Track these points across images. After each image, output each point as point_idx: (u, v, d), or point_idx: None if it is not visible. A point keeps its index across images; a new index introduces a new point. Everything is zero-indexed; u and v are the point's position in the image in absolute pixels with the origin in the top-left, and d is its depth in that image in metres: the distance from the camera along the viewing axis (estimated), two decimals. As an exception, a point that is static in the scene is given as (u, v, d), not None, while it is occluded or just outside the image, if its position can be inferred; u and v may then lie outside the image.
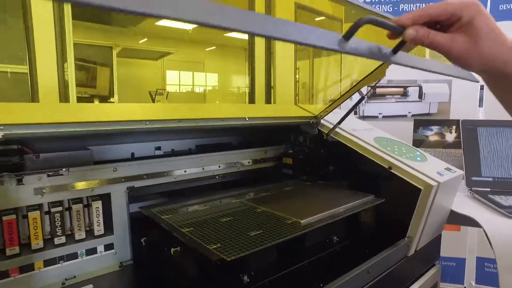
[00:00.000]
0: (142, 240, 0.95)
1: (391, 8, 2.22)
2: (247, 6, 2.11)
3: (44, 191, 0.85)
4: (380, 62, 1.07)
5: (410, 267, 1.04)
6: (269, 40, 2.19)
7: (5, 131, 0.66)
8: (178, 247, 0.75)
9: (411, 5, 2.20)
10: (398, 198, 1.00)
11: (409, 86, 2.21)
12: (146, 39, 4.84)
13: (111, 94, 4.05)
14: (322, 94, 3.35)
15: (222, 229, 0.75)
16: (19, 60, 1.45)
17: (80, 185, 0.90)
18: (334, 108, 1.34)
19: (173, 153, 1.24)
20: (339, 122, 1.24)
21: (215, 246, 0.64)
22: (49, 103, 1.28)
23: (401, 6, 2.22)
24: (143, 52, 5.08)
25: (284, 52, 2.14)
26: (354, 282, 0.79)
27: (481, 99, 2.16)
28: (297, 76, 2.35)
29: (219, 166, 1.19)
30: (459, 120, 1.76)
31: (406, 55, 0.54)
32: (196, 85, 6.77)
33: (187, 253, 0.70)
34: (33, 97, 1.29)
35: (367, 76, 1.15)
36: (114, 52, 4.20)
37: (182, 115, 1.07)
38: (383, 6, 2.22)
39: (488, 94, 2.15)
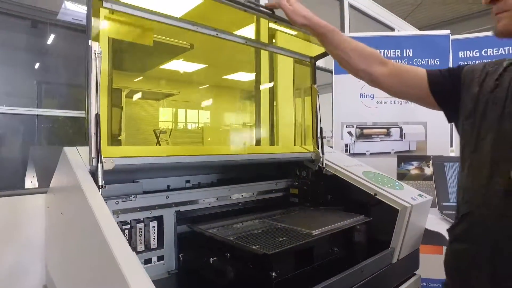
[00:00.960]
0: (181, 255, 1.22)
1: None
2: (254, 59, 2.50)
3: (119, 212, 1.13)
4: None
5: (394, 272, 1.32)
6: (273, 88, 2.58)
7: (115, 163, 0.98)
8: (227, 253, 1.04)
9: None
10: (382, 217, 1.32)
11: (391, 128, 2.59)
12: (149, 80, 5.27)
13: (120, 132, 4.37)
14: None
15: (256, 238, 1.05)
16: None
17: (143, 208, 1.19)
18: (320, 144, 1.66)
19: (201, 185, 1.55)
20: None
21: (256, 246, 0.94)
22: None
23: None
24: (148, 93, 5.47)
25: (285, 96, 2.52)
26: (351, 279, 1.08)
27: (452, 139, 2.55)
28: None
29: (242, 195, 1.50)
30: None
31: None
32: (194, 122, 7.16)
33: (235, 253, 0.99)
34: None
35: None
36: (123, 94, 4.56)
37: (216, 152, 1.40)
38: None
39: (456, 135, 2.53)
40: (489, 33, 2.58)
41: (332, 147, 2.57)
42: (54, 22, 2.25)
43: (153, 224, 1.22)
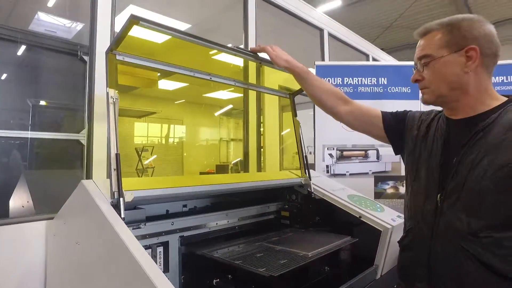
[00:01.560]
0: (181, 278, 1.31)
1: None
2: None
3: (131, 240, 1.22)
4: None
5: (378, 287, 1.47)
6: (259, 112, 2.73)
7: (134, 195, 1.08)
8: (229, 275, 1.15)
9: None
10: (366, 237, 1.47)
11: (369, 150, 2.80)
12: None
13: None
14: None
15: (259, 260, 1.17)
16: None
17: (152, 235, 1.28)
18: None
19: (197, 209, 1.65)
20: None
21: (262, 270, 1.06)
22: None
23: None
24: (129, 111, 5.50)
25: (271, 124, 2.68)
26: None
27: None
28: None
29: (238, 219, 1.62)
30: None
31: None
32: (175, 137, 7.22)
33: (242, 276, 1.11)
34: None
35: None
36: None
37: (211, 182, 1.51)
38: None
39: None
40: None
41: (313, 165, 2.75)
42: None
43: (160, 249, 1.31)
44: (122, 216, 1.01)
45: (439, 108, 1.21)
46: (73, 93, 2.12)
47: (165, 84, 5.19)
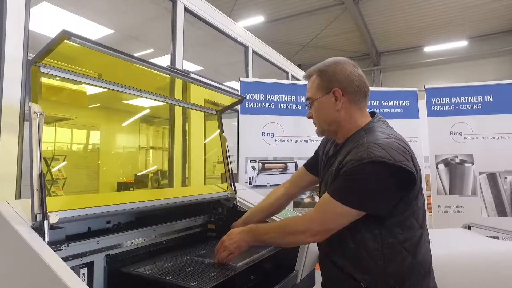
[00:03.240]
0: None
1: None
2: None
3: (51, 263, 1.15)
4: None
5: (298, 291, 1.62)
6: (185, 125, 2.74)
7: (59, 216, 1.03)
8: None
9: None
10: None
11: (288, 162, 3.02)
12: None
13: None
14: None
15: (190, 274, 1.21)
16: None
17: (74, 256, 1.23)
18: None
19: (121, 225, 1.61)
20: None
21: (194, 284, 1.10)
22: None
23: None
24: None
25: (197, 136, 2.71)
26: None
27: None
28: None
29: (166, 234, 1.62)
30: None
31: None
32: (91, 144, 6.70)
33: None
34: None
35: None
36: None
37: (139, 199, 1.50)
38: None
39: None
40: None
41: (236, 175, 2.85)
42: None
43: (83, 271, 1.26)
44: (47, 239, 0.96)
45: None
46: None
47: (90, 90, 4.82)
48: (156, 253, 1.54)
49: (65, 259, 1.18)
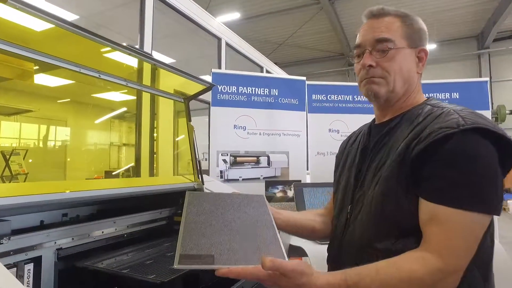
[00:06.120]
0: None
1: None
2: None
3: (-15, 257, 1.03)
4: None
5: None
6: (153, 116, 2.63)
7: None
8: (116, 287, 1.08)
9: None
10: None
11: (260, 156, 2.97)
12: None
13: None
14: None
15: (149, 267, 1.13)
16: None
17: (17, 251, 1.11)
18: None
19: (80, 218, 1.50)
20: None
21: (152, 276, 1.03)
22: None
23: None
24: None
25: (165, 129, 2.61)
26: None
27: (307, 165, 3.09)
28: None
29: (127, 226, 1.52)
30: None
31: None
32: (57, 140, 6.38)
33: (131, 286, 1.05)
34: None
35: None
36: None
37: (97, 187, 1.40)
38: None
39: (311, 163, 3.10)
40: (335, 83, 3.26)
41: (208, 171, 2.78)
42: None
43: (29, 267, 1.14)
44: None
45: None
46: None
47: (46, 80, 4.54)
48: (116, 246, 1.44)
49: (6, 254, 1.07)
